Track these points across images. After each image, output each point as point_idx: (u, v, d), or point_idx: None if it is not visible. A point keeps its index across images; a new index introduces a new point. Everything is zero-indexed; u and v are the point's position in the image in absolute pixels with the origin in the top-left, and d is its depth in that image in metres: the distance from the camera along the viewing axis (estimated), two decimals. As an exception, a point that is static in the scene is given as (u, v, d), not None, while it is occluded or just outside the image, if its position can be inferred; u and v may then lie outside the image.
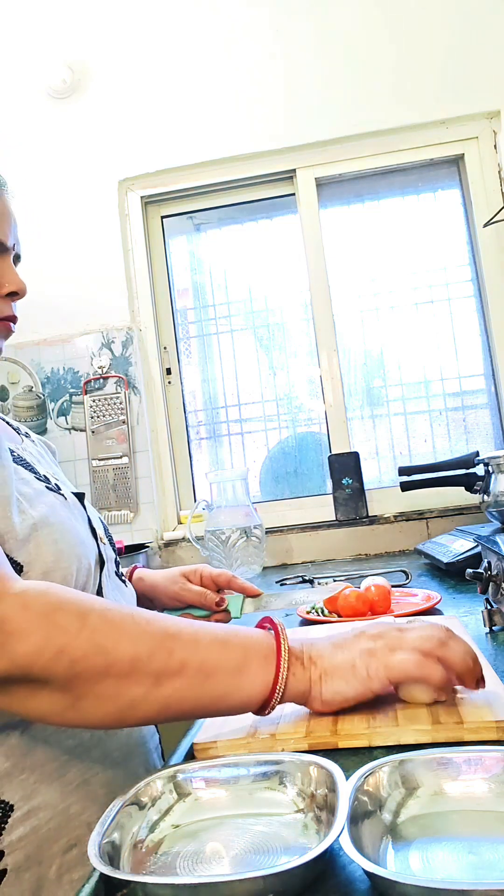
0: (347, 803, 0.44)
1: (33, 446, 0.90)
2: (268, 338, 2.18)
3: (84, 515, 0.81)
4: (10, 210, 0.83)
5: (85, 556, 0.73)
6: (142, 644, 0.57)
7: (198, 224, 2.23)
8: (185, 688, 0.58)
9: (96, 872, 0.45)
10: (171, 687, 0.57)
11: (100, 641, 0.56)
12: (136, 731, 0.78)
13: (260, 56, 2.03)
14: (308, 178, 2.08)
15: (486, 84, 1.94)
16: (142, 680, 0.56)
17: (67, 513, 0.76)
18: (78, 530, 0.75)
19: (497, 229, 1.95)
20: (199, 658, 0.58)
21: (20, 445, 0.84)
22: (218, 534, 1.77)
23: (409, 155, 2.04)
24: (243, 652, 0.60)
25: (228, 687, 0.59)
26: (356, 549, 1.91)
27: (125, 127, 2.08)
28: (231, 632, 0.62)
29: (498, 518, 1.35)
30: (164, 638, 0.58)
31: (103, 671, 0.56)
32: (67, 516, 0.75)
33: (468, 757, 0.50)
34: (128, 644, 0.57)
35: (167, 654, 0.57)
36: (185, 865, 0.46)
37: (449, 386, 2.06)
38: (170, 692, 0.57)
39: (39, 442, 0.96)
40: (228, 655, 0.60)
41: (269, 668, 0.60)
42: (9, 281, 0.81)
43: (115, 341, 2.07)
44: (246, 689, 0.60)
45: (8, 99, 2.13)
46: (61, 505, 0.76)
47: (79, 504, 0.82)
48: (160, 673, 0.57)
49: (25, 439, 0.90)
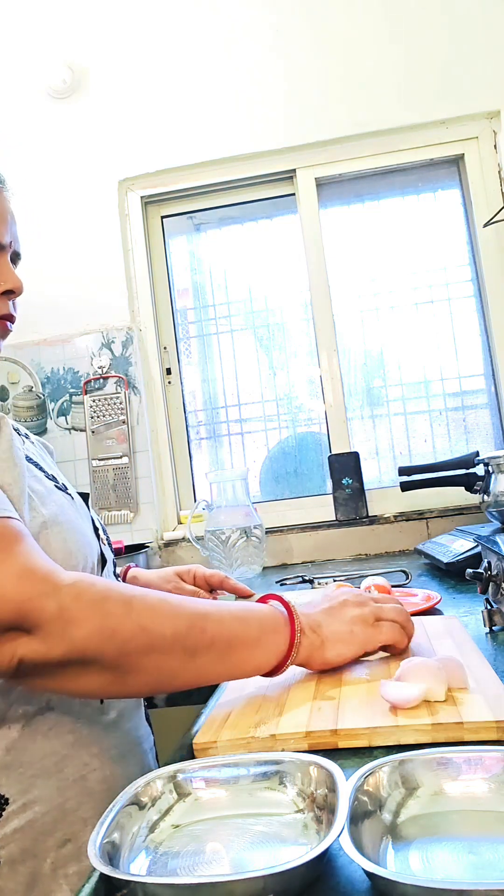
0: (347, 803, 0.44)
1: (33, 447, 0.90)
2: (268, 338, 2.18)
3: (88, 515, 0.83)
4: (7, 208, 0.82)
5: (90, 555, 0.75)
6: (180, 623, 0.64)
7: (198, 224, 2.23)
8: (213, 659, 0.66)
9: (96, 872, 0.45)
10: (203, 659, 0.65)
11: (144, 623, 0.62)
12: (133, 731, 0.79)
13: (260, 56, 2.03)
14: (308, 178, 2.08)
15: (486, 84, 1.94)
16: (179, 654, 0.64)
17: (75, 512, 0.77)
18: (84, 530, 0.77)
19: (497, 229, 1.95)
20: (226, 633, 0.66)
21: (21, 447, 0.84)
22: (218, 534, 1.77)
23: (409, 155, 2.04)
24: (259, 626, 0.69)
25: (247, 657, 0.68)
26: (356, 549, 1.91)
27: (125, 127, 2.08)
28: (246, 609, 0.70)
29: (498, 518, 1.35)
30: (197, 617, 0.65)
31: (148, 648, 0.62)
32: (75, 516, 0.76)
33: (468, 757, 0.50)
34: (168, 624, 0.63)
35: (200, 631, 0.65)
36: (185, 865, 0.46)
37: (449, 386, 2.06)
38: (201, 663, 0.65)
39: (38, 443, 0.96)
40: (247, 630, 0.68)
41: (281, 639, 0.69)
42: (4, 279, 0.81)
43: (115, 341, 2.07)
44: (261, 658, 0.68)
45: (8, 99, 2.13)
46: (69, 504, 0.78)
47: (84, 504, 0.83)
48: (195, 647, 0.64)
49: (26, 440, 0.90)
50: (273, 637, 0.69)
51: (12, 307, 0.84)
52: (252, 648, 0.67)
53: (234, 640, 0.67)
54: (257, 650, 0.68)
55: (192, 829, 0.50)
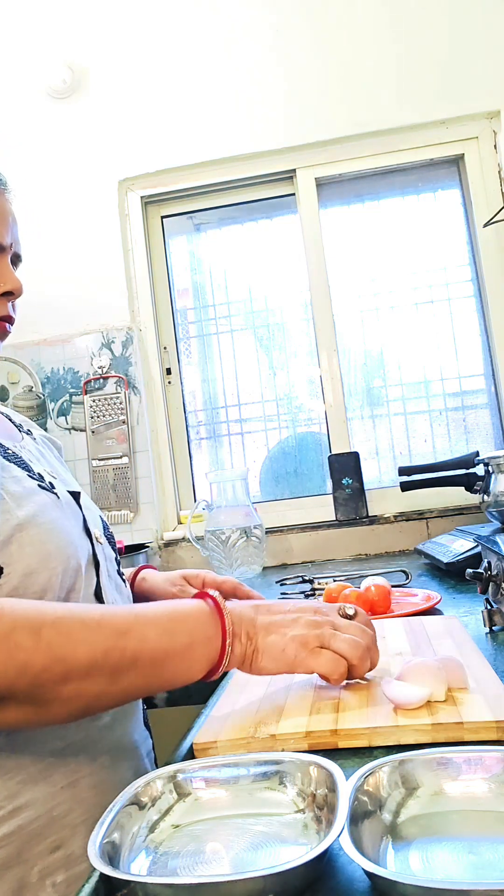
0: (347, 803, 0.44)
1: (34, 444, 0.89)
2: (268, 338, 2.18)
3: (78, 515, 0.80)
4: (8, 209, 0.82)
5: (74, 556, 0.72)
6: (96, 647, 0.61)
7: (198, 224, 2.23)
8: (139, 677, 0.63)
9: (96, 872, 0.45)
10: (126, 680, 0.62)
11: (57, 652, 0.59)
12: (128, 736, 0.77)
13: (260, 56, 2.03)
14: (308, 178, 2.08)
15: (486, 84, 1.94)
16: (99, 679, 0.61)
17: (59, 512, 0.75)
18: (69, 530, 0.74)
19: (497, 229, 1.95)
20: (150, 650, 0.63)
21: (19, 443, 0.83)
22: (218, 534, 1.77)
23: (409, 155, 2.04)
24: (188, 636, 0.66)
25: (177, 669, 0.65)
26: (356, 549, 1.91)
27: (125, 127, 2.08)
28: (175, 618, 0.67)
29: (498, 518, 1.35)
30: (116, 637, 0.62)
31: (64, 677, 0.59)
32: (58, 516, 0.74)
33: (468, 757, 0.50)
34: (83, 649, 0.60)
35: (120, 652, 0.62)
36: (185, 865, 0.46)
37: (449, 386, 2.06)
38: (126, 684, 0.63)
39: (42, 439, 0.94)
40: (176, 642, 0.65)
41: (212, 647, 0.66)
42: (4, 281, 0.80)
43: (115, 341, 2.07)
44: (192, 668, 0.66)
45: (8, 99, 2.13)
46: (52, 504, 0.75)
47: (73, 503, 0.80)
48: (115, 670, 0.61)
49: (26, 437, 0.89)
50: (203, 646, 0.66)
51: (11, 308, 0.83)
52: (180, 660, 0.65)
53: (160, 654, 0.64)
54: (186, 661, 0.65)
55: (192, 829, 0.50)
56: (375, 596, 1.04)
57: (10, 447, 0.78)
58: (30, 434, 0.91)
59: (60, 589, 0.70)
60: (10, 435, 0.85)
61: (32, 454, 0.84)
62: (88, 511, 0.83)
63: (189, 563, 1.98)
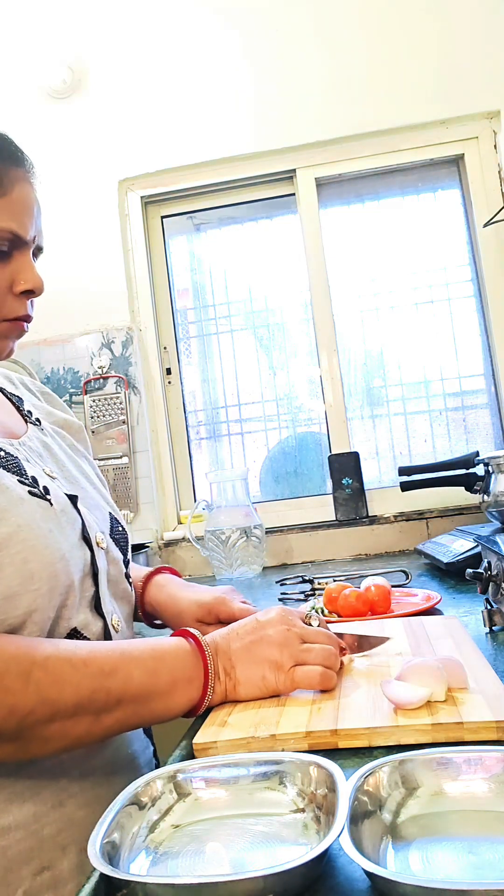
0: (347, 803, 0.44)
1: (39, 437, 0.83)
2: (268, 338, 2.18)
3: (76, 521, 0.74)
4: (33, 198, 0.76)
5: (64, 572, 0.69)
6: (82, 688, 0.62)
7: (198, 224, 2.23)
8: (123, 717, 0.65)
9: (96, 872, 0.45)
10: (111, 717, 0.64)
11: (45, 695, 0.60)
12: (125, 749, 0.76)
13: (260, 56, 2.03)
14: (308, 178, 2.08)
15: (486, 84, 1.94)
16: (84, 719, 0.62)
17: (49, 524, 0.70)
18: (58, 544, 0.69)
19: (497, 229, 1.95)
20: (133, 691, 0.65)
21: (19, 440, 0.78)
22: (218, 534, 1.77)
23: (409, 155, 2.04)
24: (171, 677, 0.67)
25: (159, 708, 0.67)
26: (356, 549, 1.91)
27: (125, 127, 2.08)
28: (159, 657, 0.68)
29: (498, 518, 1.35)
30: (102, 678, 0.63)
31: (50, 718, 0.60)
32: (47, 528, 0.69)
33: (468, 757, 0.50)
34: (70, 691, 0.61)
35: (105, 693, 0.63)
36: (185, 865, 0.46)
37: (449, 386, 2.06)
38: (110, 723, 0.64)
39: (53, 429, 0.88)
40: (158, 683, 0.66)
41: (194, 687, 0.68)
42: (25, 278, 0.75)
43: (115, 341, 2.07)
44: (174, 707, 0.67)
45: (8, 99, 2.13)
46: (42, 515, 0.69)
47: (70, 508, 0.75)
48: (100, 710, 0.63)
49: (33, 427, 0.83)
50: (185, 687, 0.67)
51: (30, 307, 0.78)
52: (163, 700, 0.66)
53: (144, 694, 0.65)
54: (169, 701, 0.67)
55: (192, 829, 0.50)
56: (375, 596, 1.04)
57: (4, 448, 0.73)
58: (38, 424, 0.85)
59: (49, 608, 0.67)
60: (11, 430, 0.80)
61: (33, 451, 0.79)
62: (90, 513, 0.79)
63: (189, 563, 1.98)
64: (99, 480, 0.90)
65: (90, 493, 0.83)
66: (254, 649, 0.70)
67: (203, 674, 0.68)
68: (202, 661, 0.69)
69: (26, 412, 0.86)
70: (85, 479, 0.85)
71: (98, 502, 0.83)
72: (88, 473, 0.87)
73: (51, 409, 0.93)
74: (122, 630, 0.78)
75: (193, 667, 0.68)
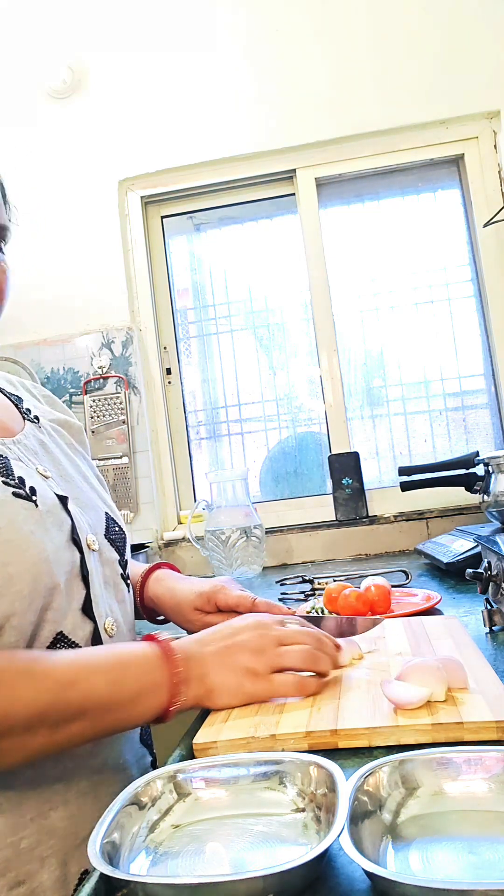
0: (347, 803, 0.44)
1: (35, 434, 0.82)
2: (268, 338, 2.18)
3: (64, 522, 0.73)
4: None
5: (48, 573, 0.67)
6: (40, 700, 0.60)
7: (198, 224, 2.23)
8: (86, 727, 0.62)
9: (96, 872, 0.45)
10: (71, 730, 0.61)
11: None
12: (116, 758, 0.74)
13: (260, 56, 2.03)
14: (308, 178, 2.08)
15: (486, 84, 1.94)
16: (42, 731, 0.60)
17: (33, 525, 0.68)
18: (42, 546, 0.67)
19: (497, 229, 1.95)
20: (96, 700, 0.63)
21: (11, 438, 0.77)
22: (218, 534, 1.77)
23: (409, 155, 2.04)
24: (137, 685, 0.65)
25: (125, 717, 0.65)
26: (356, 549, 1.91)
27: (125, 127, 2.08)
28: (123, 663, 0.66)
29: (498, 518, 1.35)
30: (61, 689, 0.61)
31: (6, 732, 0.58)
32: (29, 530, 0.67)
33: (468, 757, 0.50)
34: (26, 703, 0.59)
35: (65, 704, 0.61)
36: (185, 865, 0.46)
37: (449, 386, 2.06)
38: (72, 734, 0.62)
39: (51, 428, 0.86)
40: (122, 693, 0.64)
41: (161, 695, 0.65)
42: None
43: (115, 341, 2.07)
44: (140, 715, 0.66)
45: (8, 99, 2.13)
46: (25, 516, 0.68)
47: (59, 509, 0.73)
48: (59, 722, 0.61)
49: (30, 425, 0.82)
50: (152, 695, 0.65)
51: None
52: (129, 709, 0.64)
53: (107, 704, 0.63)
54: (135, 709, 0.65)
55: (192, 829, 0.50)
56: (375, 596, 1.04)
57: None
58: (36, 421, 0.84)
59: (29, 611, 0.65)
60: (5, 427, 0.78)
61: (28, 448, 0.78)
62: (83, 514, 0.77)
63: (189, 563, 1.98)
64: (97, 480, 0.88)
65: (86, 493, 0.82)
66: (227, 655, 0.69)
67: (170, 680, 0.66)
68: (170, 667, 0.67)
69: (25, 410, 0.85)
70: (81, 478, 0.83)
71: (94, 502, 0.82)
72: (86, 473, 0.86)
73: (51, 409, 0.92)
74: (120, 632, 0.76)
75: (160, 673, 0.66)
